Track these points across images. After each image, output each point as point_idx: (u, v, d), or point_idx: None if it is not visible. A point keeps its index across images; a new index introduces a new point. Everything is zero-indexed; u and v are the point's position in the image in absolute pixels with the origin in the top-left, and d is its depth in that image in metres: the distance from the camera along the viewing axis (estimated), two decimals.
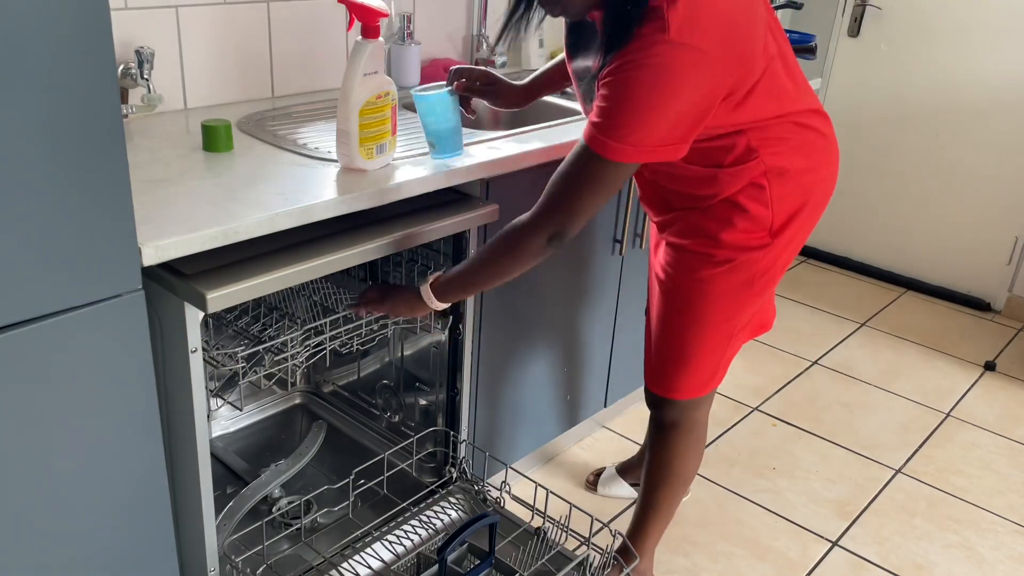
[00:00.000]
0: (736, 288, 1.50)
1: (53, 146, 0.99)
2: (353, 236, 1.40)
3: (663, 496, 1.76)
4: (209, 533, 1.35)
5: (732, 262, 1.48)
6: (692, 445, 1.72)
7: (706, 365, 1.59)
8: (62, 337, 1.07)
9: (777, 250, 1.49)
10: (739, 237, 1.45)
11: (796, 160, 1.44)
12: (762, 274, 1.50)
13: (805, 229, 1.52)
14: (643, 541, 1.80)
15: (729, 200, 1.44)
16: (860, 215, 3.63)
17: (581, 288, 2.05)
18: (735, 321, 1.55)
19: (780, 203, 1.44)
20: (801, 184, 1.46)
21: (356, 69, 1.40)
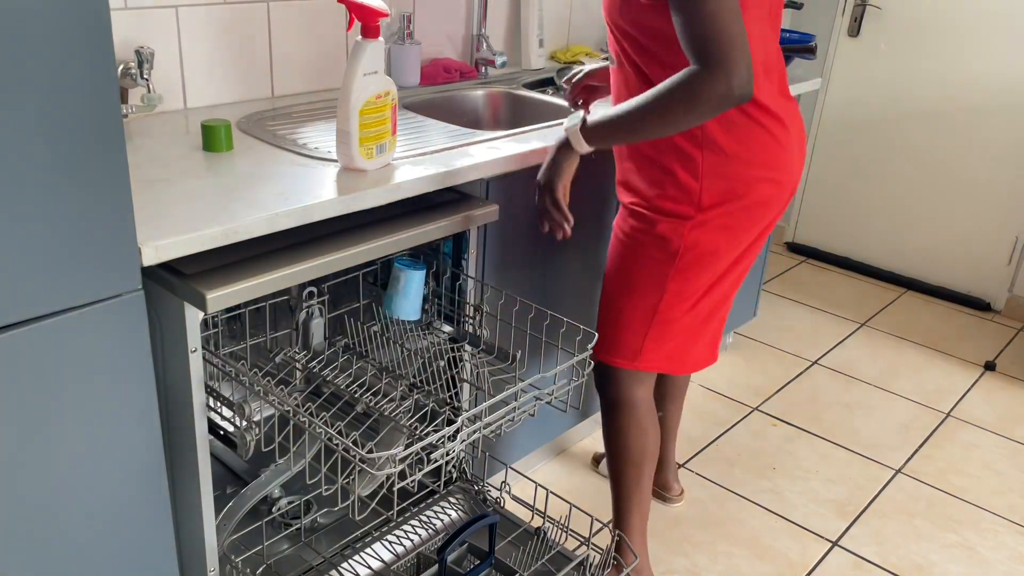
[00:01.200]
0: (660, 257, 1.56)
1: (53, 146, 0.99)
2: (353, 236, 1.40)
3: (628, 482, 1.79)
4: (209, 533, 1.35)
5: (658, 227, 1.53)
6: (638, 425, 1.74)
7: (631, 331, 1.64)
8: (62, 337, 1.07)
9: (701, 228, 1.51)
10: (666, 204, 1.52)
11: (737, 147, 1.46)
12: (686, 251, 1.53)
13: (741, 225, 1.53)
14: (628, 531, 1.82)
15: (660, 163, 1.51)
16: (860, 215, 3.63)
17: (580, 288, 2.05)
18: (660, 296, 1.59)
19: (710, 181, 1.48)
20: (739, 174, 1.48)
21: (356, 69, 1.40)
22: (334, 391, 1.47)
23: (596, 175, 1.93)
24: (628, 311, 1.64)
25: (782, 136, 1.50)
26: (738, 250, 1.57)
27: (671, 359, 1.68)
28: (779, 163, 1.52)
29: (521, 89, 2.26)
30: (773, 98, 1.48)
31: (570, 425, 2.25)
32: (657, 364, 1.68)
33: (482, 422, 1.35)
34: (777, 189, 1.53)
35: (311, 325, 1.55)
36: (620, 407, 1.74)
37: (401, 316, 1.58)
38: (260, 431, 1.38)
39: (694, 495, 2.20)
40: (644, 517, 1.83)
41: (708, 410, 2.58)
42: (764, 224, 1.57)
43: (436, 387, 1.54)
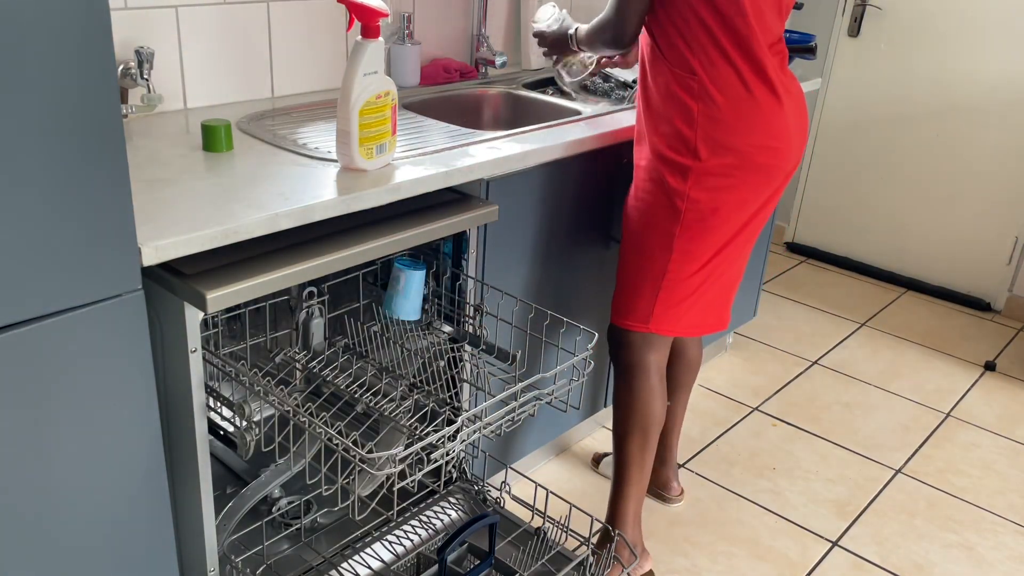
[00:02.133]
0: (666, 218, 1.65)
1: (53, 146, 0.99)
2: (353, 236, 1.40)
3: (632, 448, 1.81)
4: (209, 533, 1.35)
5: (666, 179, 1.63)
6: (650, 390, 1.79)
7: (643, 295, 1.72)
8: (62, 337, 1.07)
9: (701, 183, 1.60)
10: (669, 153, 1.62)
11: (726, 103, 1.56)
12: (689, 208, 1.62)
13: (738, 189, 1.61)
14: (623, 505, 1.84)
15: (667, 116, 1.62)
16: (860, 215, 3.63)
17: (580, 288, 2.05)
18: (667, 256, 1.66)
19: (704, 131, 1.58)
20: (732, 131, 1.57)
21: (356, 69, 1.40)
22: (334, 391, 1.47)
23: (597, 176, 1.93)
24: (639, 274, 1.72)
25: (772, 104, 1.59)
26: (741, 215, 1.65)
27: (682, 322, 1.75)
28: (771, 128, 1.60)
29: (521, 89, 2.26)
30: (773, 70, 1.58)
31: (570, 425, 2.25)
32: (670, 327, 1.74)
33: (482, 422, 1.35)
34: (771, 155, 1.61)
35: (311, 325, 1.55)
36: (633, 370, 1.79)
37: (401, 316, 1.58)
38: (260, 431, 1.38)
39: (694, 495, 2.20)
40: (641, 493, 1.86)
41: (708, 410, 2.58)
42: (768, 192, 1.66)
43: (436, 387, 1.54)
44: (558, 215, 1.88)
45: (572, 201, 1.90)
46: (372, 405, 1.38)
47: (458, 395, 1.63)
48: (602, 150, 1.88)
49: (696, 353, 2.01)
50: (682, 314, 1.73)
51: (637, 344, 1.78)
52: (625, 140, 1.90)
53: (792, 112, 1.62)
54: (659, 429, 1.84)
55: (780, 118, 1.60)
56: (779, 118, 1.60)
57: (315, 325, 1.55)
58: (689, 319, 1.75)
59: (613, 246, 2.07)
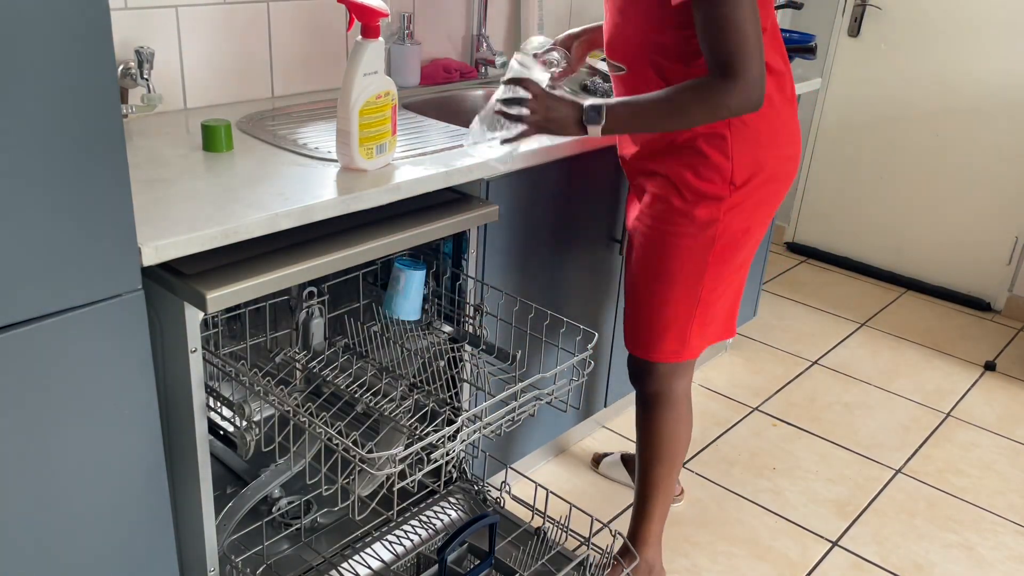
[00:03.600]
0: (698, 244, 1.56)
1: (53, 146, 0.99)
2: (353, 236, 1.40)
3: (659, 474, 1.78)
4: (209, 533, 1.35)
5: (694, 211, 1.53)
6: (677, 419, 1.75)
7: (677, 325, 1.64)
8: (62, 337, 1.07)
9: (735, 209, 1.53)
10: (701, 184, 1.52)
11: (759, 120, 1.49)
12: (722, 233, 1.55)
13: (764, 204, 1.57)
14: (647, 527, 1.82)
15: (693, 147, 1.50)
16: (860, 215, 3.63)
17: (579, 288, 2.05)
18: (701, 283, 1.59)
19: (740, 157, 1.50)
20: (761, 147, 1.51)
21: (356, 69, 1.40)
22: (334, 391, 1.47)
23: (597, 176, 1.93)
24: (671, 305, 1.62)
25: (789, 109, 1.56)
26: (765, 226, 1.62)
27: (710, 338, 1.71)
28: (793, 137, 1.57)
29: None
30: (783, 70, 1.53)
31: (570, 425, 2.25)
32: (702, 347, 1.70)
33: (482, 422, 1.35)
34: (793, 164, 1.59)
35: (311, 325, 1.55)
36: (661, 401, 1.74)
37: (401, 316, 1.58)
38: (260, 431, 1.38)
39: (694, 495, 2.20)
40: (664, 515, 1.84)
41: (708, 410, 2.58)
42: (783, 198, 1.63)
43: (436, 387, 1.54)
44: (558, 215, 1.88)
45: (572, 201, 1.90)
46: (372, 405, 1.38)
47: (458, 395, 1.63)
48: (602, 150, 1.88)
49: None
50: (711, 331, 1.69)
51: (665, 373, 1.71)
52: None
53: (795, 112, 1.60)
54: (686, 452, 1.80)
55: (795, 122, 1.58)
56: (794, 122, 1.58)
57: (315, 325, 1.55)
58: (713, 335, 1.71)
59: (613, 246, 2.07)
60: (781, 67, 1.53)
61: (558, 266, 1.95)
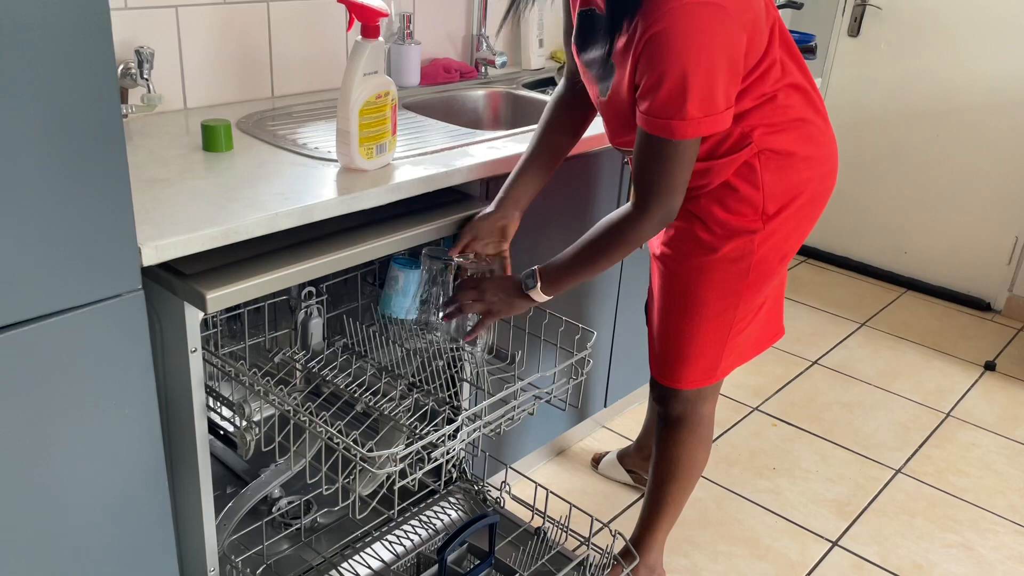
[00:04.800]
0: (731, 276, 1.49)
1: (53, 146, 0.99)
2: (353, 236, 1.40)
3: (672, 492, 1.76)
4: (209, 533, 1.35)
5: (725, 247, 1.47)
6: (699, 440, 1.72)
7: (706, 355, 1.59)
8: (62, 337, 1.07)
9: (770, 239, 1.47)
10: (731, 219, 1.45)
11: (790, 143, 1.42)
12: (757, 264, 1.48)
13: (802, 225, 1.51)
14: (652, 536, 1.81)
15: (722, 182, 1.44)
16: (860, 215, 3.63)
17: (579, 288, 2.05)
18: (734, 312, 1.53)
19: (771, 186, 1.43)
20: (797, 171, 1.44)
21: (356, 69, 1.40)
22: (334, 391, 1.47)
23: (597, 175, 1.93)
24: (702, 336, 1.56)
25: (824, 126, 1.49)
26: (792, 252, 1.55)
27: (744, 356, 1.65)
28: (829, 154, 1.49)
29: (521, 89, 2.26)
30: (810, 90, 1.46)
31: (570, 425, 2.25)
32: (729, 370, 1.65)
33: (482, 421, 1.35)
34: (831, 181, 1.52)
35: (310, 325, 1.55)
36: (685, 423, 1.69)
37: (399, 315, 1.58)
38: (260, 431, 1.38)
39: (694, 495, 2.20)
40: (672, 523, 1.83)
41: None
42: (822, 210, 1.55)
43: (435, 386, 1.54)
44: (558, 215, 1.88)
45: (571, 201, 1.90)
46: (371, 404, 1.38)
47: (457, 394, 1.63)
48: (602, 150, 1.88)
49: None
50: (745, 351, 1.64)
51: (692, 398, 1.66)
52: None
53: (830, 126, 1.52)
54: (702, 473, 1.77)
55: (831, 138, 1.50)
56: (830, 139, 1.49)
57: (314, 325, 1.55)
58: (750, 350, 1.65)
59: None
60: (805, 84, 1.44)
61: None
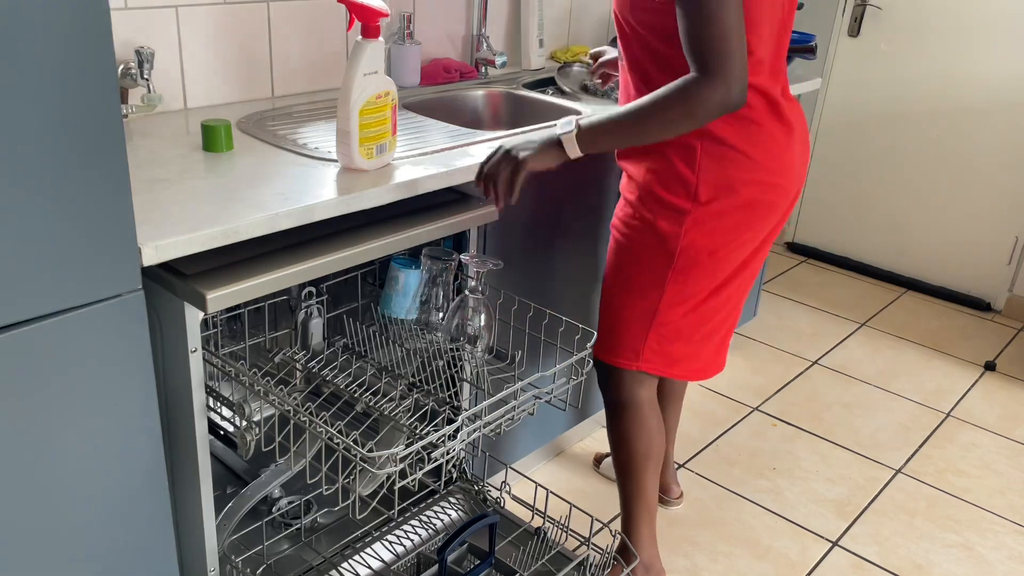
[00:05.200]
0: (658, 256, 1.54)
1: (53, 146, 0.99)
2: (353, 236, 1.40)
3: (632, 480, 1.78)
4: (209, 533, 1.35)
5: (657, 222, 1.52)
6: (639, 425, 1.73)
7: (632, 332, 1.63)
8: (62, 337, 1.07)
9: (698, 226, 1.49)
10: (664, 195, 1.50)
11: (736, 141, 1.45)
12: (684, 250, 1.52)
13: (738, 229, 1.51)
14: (635, 530, 1.82)
15: (662, 154, 1.49)
16: (860, 215, 3.63)
17: (579, 288, 2.05)
18: (659, 296, 1.57)
19: (706, 172, 1.46)
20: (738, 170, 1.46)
21: (356, 69, 1.40)
22: (334, 391, 1.47)
23: (597, 172, 1.93)
24: (627, 310, 1.63)
25: (782, 137, 1.49)
26: (741, 254, 1.55)
27: (675, 363, 1.66)
28: (780, 166, 1.50)
29: (521, 89, 2.26)
30: (778, 99, 1.48)
31: (570, 425, 2.25)
32: (659, 367, 1.66)
33: (482, 421, 1.35)
34: (778, 194, 1.52)
35: (310, 325, 1.55)
36: (623, 408, 1.73)
37: (399, 315, 1.59)
38: (260, 431, 1.38)
39: (694, 495, 2.20)
40: (652, 515, 1.83)
41: (708, 410, 2.58)
42: (767, 229, 1.56)
43: (435, 387, 1.54)
44: (558, 215, 1.88)
45: (572, 201, 1.90)
46: (371, 405, 1.38)
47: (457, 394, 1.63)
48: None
49: None
50: (675, 354, 1.65)
51: (626, 381, 1.70)
52: None
53: (799, 144, 1.54)
54: (659, 459, 1.78)
55: (787, 152, 1.50)
56: (786, 152, 1.50)
57: (314, 325, 1.55)
58: (683, 360, 1.66)
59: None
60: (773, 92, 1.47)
61: (557, 265, 1.95)
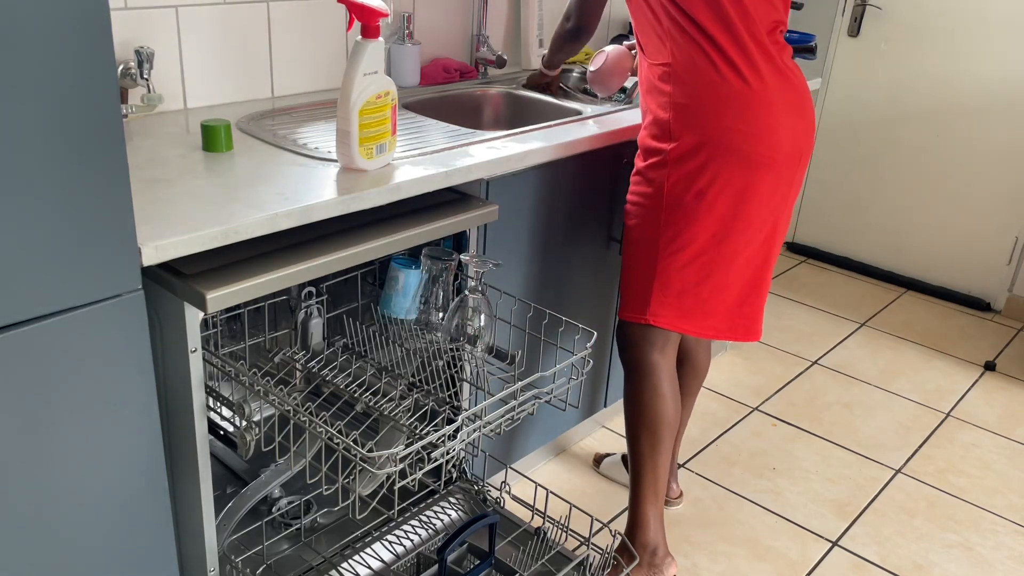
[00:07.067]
0: (651, 205, 1.67)
1: (53, 146, 0.99)
2: (353, 236, 1.40)
3: (643, 448, 1.80)
4: (209, 533, 1.35)
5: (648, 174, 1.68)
6: (651, 388, 1.78)
7: (638, 283, 1.73)
8: (62, 337, 1.07)
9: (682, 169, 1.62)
10: (651, 143, 1.68)
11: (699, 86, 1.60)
12: (669, 191, 1.64)
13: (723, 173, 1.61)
14: (640, 507, 1.82)
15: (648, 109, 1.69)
16: (860, 215, 3.63)
17: (579, 287, 2.05)
18: (656, 242, 1.68)
19: (677, 112, 1.62)
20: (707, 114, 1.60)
21: (356, 69, 1.40)
22: (334, 391, 1.47)
23: (597, 176, 1.93)
24: (632, 264, 1.74)
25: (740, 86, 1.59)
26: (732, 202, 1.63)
27: (684, 317, 1.72)
28: (743, 113, 1.59)
29: (521, 89, 2.26)
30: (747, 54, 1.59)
31: (570, 425, 2.25)
32: (669, 321, 1.73)
33: (482, 421, 1.35)
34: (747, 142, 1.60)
35: (310, 325, 1.55)
36: (637, 370, 1.78)
37: (399, 315, 1.59)
38: (260, 431, 1.38)
39: (694, 495, 2.20)
40: (659, 495, 1.83)
41: (708, 410, 2.58)
42: (762, 185, 1.63)
43: (435, 387, 1.54)
44: (558, 215, 1.88)
45: (572, 201, 1.90)
46: (371, 404, 1.38)
47: (457, 394, 1.63)
48: (602, 150, 1.88)
49: (704, 359, 1.99)
50: (683, 308, 1.70)
51: (639, 341, 1.77)
52: (625, 140, 1.90)
53: (777, 99, 1.61)
54: (672, 431, 1.81)
55: (752, 102, 1.59)
56: (751, 102, 1.59)
57: (314, 325, 1.55)
58: (695, 318, 1.72)
59: (613, 246, 2.07)
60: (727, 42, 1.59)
61: (557, 265, 1.95)
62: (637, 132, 1.75)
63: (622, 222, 2.03)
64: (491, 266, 1.53)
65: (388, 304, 1.58)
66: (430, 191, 1.53)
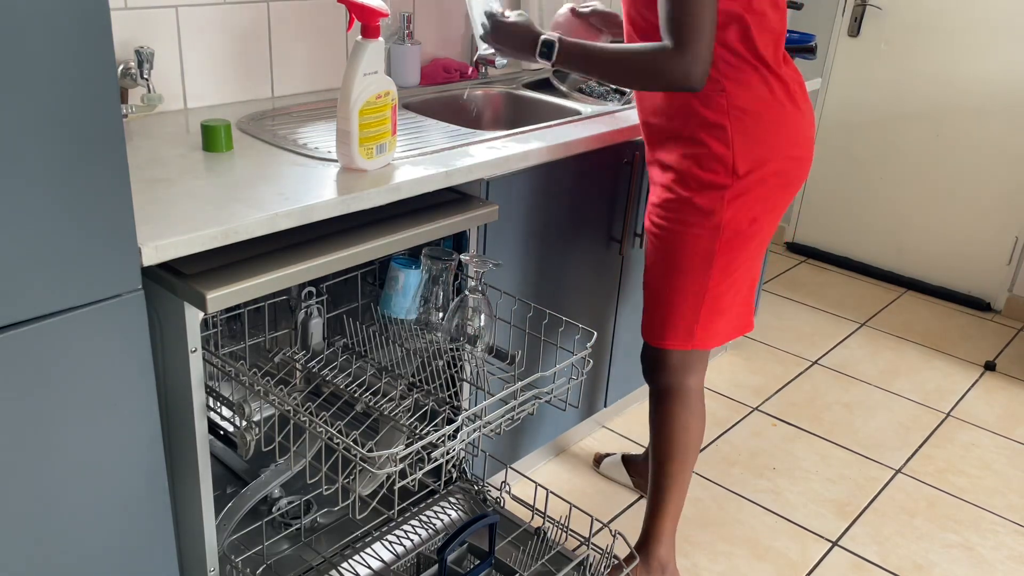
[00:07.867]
0: (705, 232, 1.59)
1: (53, 146, 0.99)
2: (353, 236, 1.40)
3: (672, 471, 1.79)
4: (209, 533, 1.35)
5: (700, 204, 1.57)
6: (691, 413, 1.77)
7: (685, 314, 1.67)
8: (62, 337, 1.07)
9: (742, 200, 1.56)
10: (704, 176, 1.56)
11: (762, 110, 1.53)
12: (728, 223, 1.57)
13: (773, 196, 1.59)
14: (660, 524, 1.82)
15: (694, 138, 1.55)
16: (860, 215, 3.63)
17: (579, 288, 2.05)
18: (708, 272, 1.62)
19: (740, 146, 1.53)
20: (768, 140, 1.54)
21: (356, 69, 1.40)
22: (334, 391, 1.47)
23: (597, 176, 1.93)
24: (679, 294, 1.66)
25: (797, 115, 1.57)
26: (775, 219, 1.64)
27: (720, 334, 1.72)
28: (800, 139, 1.59)
29: (521, 89, 2.26)
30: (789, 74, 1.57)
31: (570, 425, 2.25)
32: (709, 341, 1.71)
33: (482, 421, 1.35)
34: (802, 168, 1.61)
35: (310, 325, 1.55)
36: (672, 394, 1.76)
37: (399, 315, 1.59)
38: (260, 431, 1.38)
39: (694, 495, 2.20)
40: (678, 510, 1.84)
41: (708, 410, 2.55)
42: (795, 194, 1.65)
43: (435, 386, 1.55)
44: (558, 215, 1.88)
45: (572, 201, 1.90)
46: (371, 404, 1.38)
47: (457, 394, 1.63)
48: (602, 150, 1.88)
49: None
50: (721, 326, 1.71)
51: (676, 365, 1.74)
52: (625, 140, 1.90)
53: (811, 117, 1.62)
54: (699, 447, 1.81)
55: (802, 125, 1.59)
56: (801, 127, 1.59)
57: (314, 325, 1.55)
58: (725, 329, 1.72)
59: (613, 246, 2.07)
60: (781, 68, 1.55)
61: (558, 265, 1.95)
62: (637, 132, 1.75)
63: (622, 221, 2.04)
64: (491, 266, 1.53)
65: (388, 304, 1.58)
66: (430, 191, 1.53)
